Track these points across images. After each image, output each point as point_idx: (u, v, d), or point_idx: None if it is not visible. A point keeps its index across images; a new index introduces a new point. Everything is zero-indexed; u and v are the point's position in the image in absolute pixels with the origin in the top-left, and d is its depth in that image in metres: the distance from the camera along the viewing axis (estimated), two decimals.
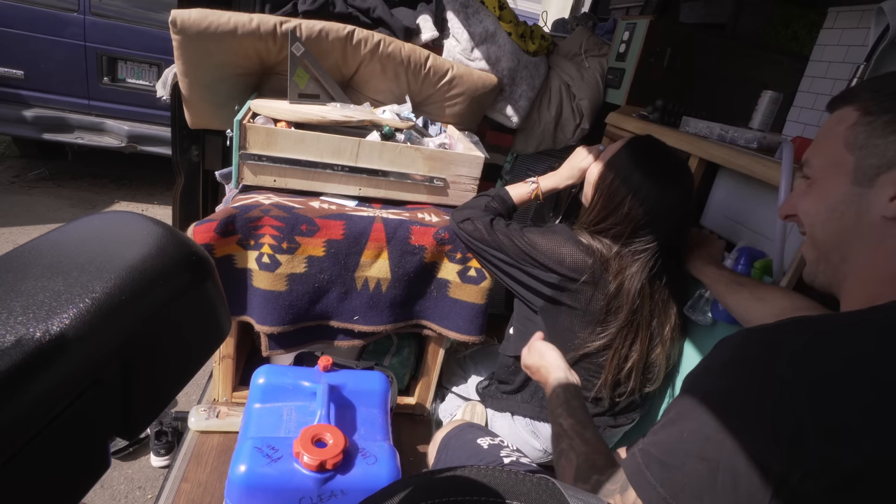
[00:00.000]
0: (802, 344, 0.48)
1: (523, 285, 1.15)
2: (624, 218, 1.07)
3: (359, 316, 1.26)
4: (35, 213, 3.02)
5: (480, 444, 1.06)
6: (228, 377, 1.31)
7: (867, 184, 0.56)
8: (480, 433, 1.10)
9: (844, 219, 0.58)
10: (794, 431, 0.44)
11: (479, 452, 1.04)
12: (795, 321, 0.52)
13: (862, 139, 0.56)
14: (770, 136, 1.20)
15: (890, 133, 0.54)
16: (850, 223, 0.57)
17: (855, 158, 0.57)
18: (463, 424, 1.16)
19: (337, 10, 1.50)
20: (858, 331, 0.48)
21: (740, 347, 0.52)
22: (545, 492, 0.39)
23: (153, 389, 0.30)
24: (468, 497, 0.38)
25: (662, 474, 0.52)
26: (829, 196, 0.59)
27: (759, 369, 0.48)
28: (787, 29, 2.09)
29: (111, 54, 3.08)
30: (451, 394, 1.48)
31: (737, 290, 1.00)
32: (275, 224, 1.14)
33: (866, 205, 0.56)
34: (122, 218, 0.32)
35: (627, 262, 1.08)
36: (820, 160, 0.61)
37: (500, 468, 0.43)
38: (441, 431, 1.17)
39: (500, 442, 1.08)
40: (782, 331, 0.51)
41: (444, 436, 1.14)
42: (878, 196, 0.55)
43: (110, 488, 1.56)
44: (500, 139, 1.85)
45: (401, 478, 0.96)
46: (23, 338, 0.23)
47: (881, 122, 0.55)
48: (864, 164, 0.56)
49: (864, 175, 0.56)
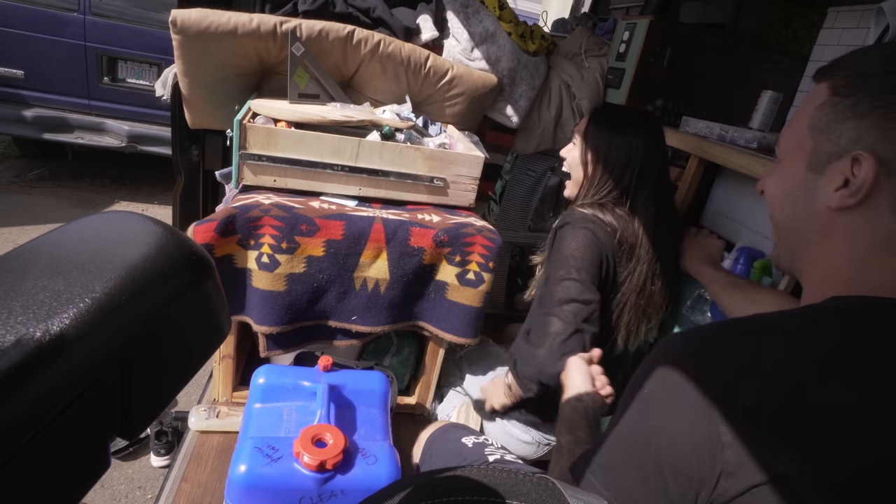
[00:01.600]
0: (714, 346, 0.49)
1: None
2: (619, 174, 1.14)
3: (357, 316, 1.26)
4: (35, 213, 3.02)
5: (465, 443, 1.06)
6: (228, 377, 1.31)
7: (819, 170, 0.54)
8: (465, 432, 1.10)
9: (797, 204, 0.56)
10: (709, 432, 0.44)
11: (463, 451, 1.04)
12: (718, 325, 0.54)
13: (824, 122, 0.54)
14: (770, 135, 1.21)
15: (848, 118, 0.51)
16: (801, 209, 0.56)
17: (814, 143, 0.55)
18: (448, 424, 1.16)
19: (337, 10, 1.50)
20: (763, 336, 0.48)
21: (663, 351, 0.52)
22: (545, 492, 0.39)
23: (153, 389, 0.30)
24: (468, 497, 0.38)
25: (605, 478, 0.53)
26: (787, 178, 0.58)
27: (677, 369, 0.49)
28: (787, 29, 2.09)
29: (111, 54, 3.08)
30: (452, 391, 1.48)
31: (731, 292, 1.00)
32: (275, 224, 1.14)
33: (814, 192, 0.54)
34: (122, 218, 0.32)
35: (636, 221, 1.13)
36: (787, 139, 0.60)
37: (500, 468, 0.43)
38: (426, 432, 1.17)
39: (484, 440, 1.08)
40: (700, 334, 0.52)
41: (428, 436, 1.14)
42: (826, 185, 0.53)
43: (110, 488, 1.56)
44: (500, 139, 1.86)
45: (401, 478, 0.96)
46: (23, 338, 0.23)
47: (843, 106, 0.52)
48: (819, 150, 0.54)
49: (818, 161, 0.54)
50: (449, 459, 1.03)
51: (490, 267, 1.26)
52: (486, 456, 1.01)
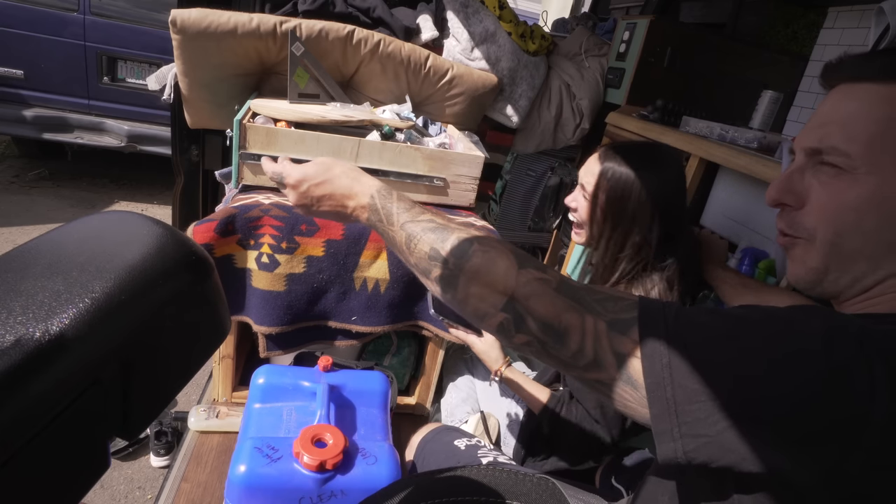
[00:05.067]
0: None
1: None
2: (635, 218, 0.99)
3: (357, 316, 1.26)
4: (35, 213, 3.02)
5: (458, 446, 1.05)
6: (228, 377, 1.31)
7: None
8: (457, 434, 1.10)
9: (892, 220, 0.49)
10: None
11: (456, 453, 1.03)
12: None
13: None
14: (770, 135, 1.21)
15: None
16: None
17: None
18: (439, 427, 1.15)
19: (337, 10, 1.50)
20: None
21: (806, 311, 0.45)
22: (545, 492, 0.39)
23: (153, 389, 0.30)
24: (468, 497, 0.38)
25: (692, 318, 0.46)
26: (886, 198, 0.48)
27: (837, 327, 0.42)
28: (787, 28, 2.09)
29: (111, 54, 3.08)
30: (451, 385, 1.47)
31: (741, 292, 0.99)
32: (274, 224, 1.14)
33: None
34: (121, 218, 0.32)
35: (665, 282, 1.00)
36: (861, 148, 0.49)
37: (500, 468, 0.42)
38: (418, 434, 1.17)
39: (476, 442, 1.07)
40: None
41: (420, 439, 1.14)
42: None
43: (110, 488, 1.56)
44: (500, 139, 1.86)
45: (401, 478, 0.96)
46: (23, 338, 0.23)
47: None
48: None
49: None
50: (442, 462, 1.03)
51: None
52: (479, 458, 1.00)
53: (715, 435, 0.41)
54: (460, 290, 0.56)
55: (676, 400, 0.42)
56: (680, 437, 0.42)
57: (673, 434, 0.42)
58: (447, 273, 0.57)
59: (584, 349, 0.48)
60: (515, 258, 0.54)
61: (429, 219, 0.62)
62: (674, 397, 0.43)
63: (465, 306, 0.56)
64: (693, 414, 0.42)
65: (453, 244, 0.57)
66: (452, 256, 0.57)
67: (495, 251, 0.55)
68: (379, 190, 0.68)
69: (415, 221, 0.63)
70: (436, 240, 0.59)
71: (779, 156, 1.08)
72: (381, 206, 0.67)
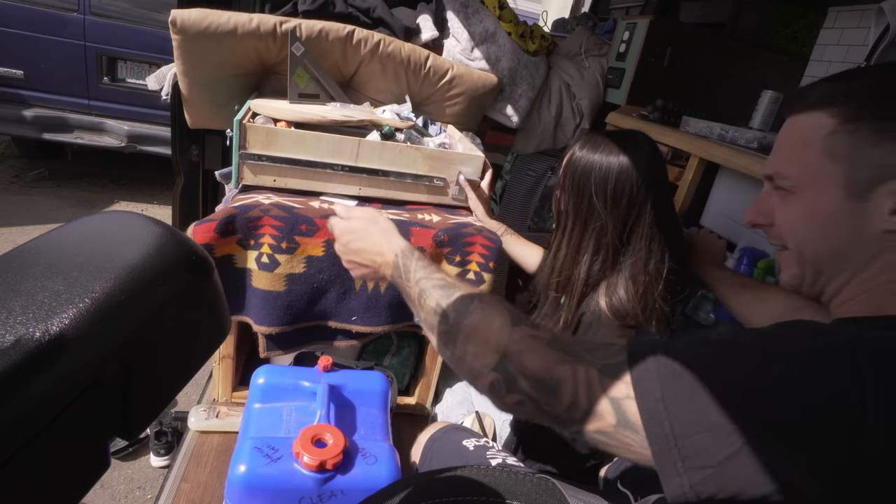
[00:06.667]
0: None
1: None
2: (594, 204, 0.97)
3: (357, 316, 1.26)
4: (35, 213, 3.02)
5: (466, 446, 1.05)
6: (228, 377, 1.31)
7: (862, 197, 0.52)
8: (466, 434, 1.09)
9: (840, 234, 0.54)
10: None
11: (465, 454, 1.03)
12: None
13: (847, 149, 0.53)
14: (770, 135, 1.21)
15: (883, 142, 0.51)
16: (846, 239, 0.54)
17: (844, 169, 0.53)
18: (448, 426, 1.15)
19: (337, 10, 1.50)
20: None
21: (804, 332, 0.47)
22: (545, 492, 0.39)
23: (153, 389, 0.30)
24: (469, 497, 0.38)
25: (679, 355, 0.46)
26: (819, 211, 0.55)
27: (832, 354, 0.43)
28: (787, 28, 2.09)
29: (111, 54, 3.08)
30: (448, 391, 1.47)
31: (739, 291, 0.99)
32: (275, 224, 1.14)
33: (863, 219, 0.53)
34: (121, 218, 0.32)
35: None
36: (797, 170, 0.57)
37: (499, 468, 0.43)
38: (425, 433, 1.16)
39: (485, 443, 1.07)
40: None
41: (428, 438, 1.13)
42: (876, 209, 0.52)
43: (110, 488, 1.56)
44: (500, 139, 1.86)
45: (401, 478, 0.96)
46: (23, 338, 0.23)
47: (868, 130, 0.51)
48: (855, 176, 0.53)
49: (858, 188, 0.53)
50: (450, 462, 1.02)
51: (490, 267, 1.26)
52: (487, 460, 1.00)
53: (717, 465, 0.41)
54: (458, 346, 0.58)
55: (675, 433, 0.43)
56: (685, 472, 0.42)
57: (677, 469, 0.42)
58: (447, 328, 0.60)
59: (577, 400, 0.48)
60: (510, 316, 0.57)
61: (440, 277, 0.68)
62: (672, 431, 0.43)
63: (462, 364, 0.59)
64: (694, 446, 0.42)
65: (456, 300, 0.62)
66: (453, 311, 0.61)
67: (492, 309, 0.58)
68: (403, 250, 0.76)
69: (428, 278, 0.68)
70: (442, 296, 0.64)
71: None
72: (402, 264, 0.73)
